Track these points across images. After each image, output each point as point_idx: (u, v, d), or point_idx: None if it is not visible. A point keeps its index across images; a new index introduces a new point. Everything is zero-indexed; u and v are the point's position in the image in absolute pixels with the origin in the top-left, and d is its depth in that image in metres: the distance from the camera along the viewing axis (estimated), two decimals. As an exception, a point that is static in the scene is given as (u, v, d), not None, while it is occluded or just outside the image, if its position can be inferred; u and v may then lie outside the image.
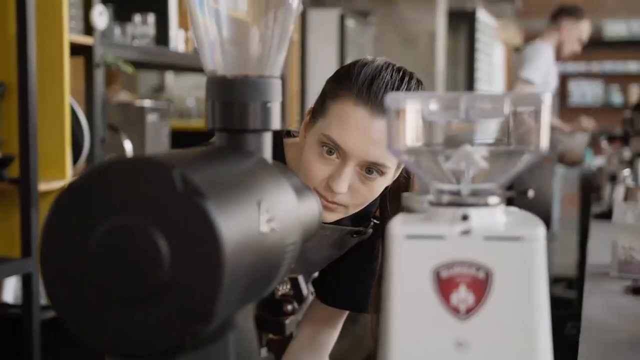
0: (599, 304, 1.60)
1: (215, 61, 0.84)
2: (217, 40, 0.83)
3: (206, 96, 0.84)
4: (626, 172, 2.95)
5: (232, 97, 0.82)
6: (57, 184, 2.56)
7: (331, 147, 1.30)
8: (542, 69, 4.39)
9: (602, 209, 3.01)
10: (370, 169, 1.30)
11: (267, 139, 0.83)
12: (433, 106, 0.71)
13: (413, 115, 0.71)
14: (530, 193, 3.62)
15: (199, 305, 0.60)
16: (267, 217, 0.71)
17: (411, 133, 0.72)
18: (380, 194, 1.38)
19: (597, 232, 2.53)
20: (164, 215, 0.60)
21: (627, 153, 4.21)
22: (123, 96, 4.94)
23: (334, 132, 1.30)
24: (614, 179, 3.13)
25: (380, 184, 1.33)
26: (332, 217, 1.35)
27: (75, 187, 0.63)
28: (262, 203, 0.71)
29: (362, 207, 1.36)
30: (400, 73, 1.33)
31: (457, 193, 0.71)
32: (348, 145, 1.29)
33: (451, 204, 0.71)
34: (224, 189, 0.66)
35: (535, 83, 4.31)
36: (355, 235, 1.50)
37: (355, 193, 1.32)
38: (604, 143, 4.35)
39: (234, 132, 0.82)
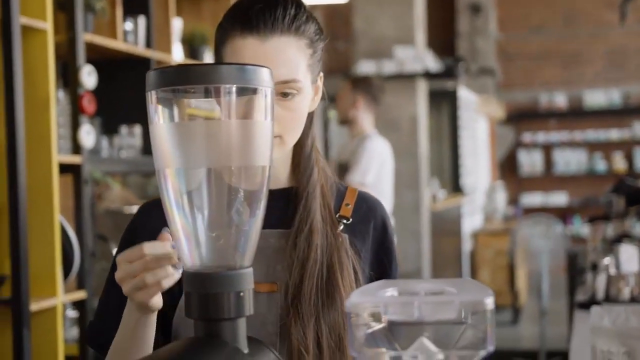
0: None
1: (192, 256, 0.91)
2: (193, 238, 0.90)
3: (184, 287, 0.91)
4: (606, 260, 3.01)
5: (207, 290, 0.89)
6: (48, 303, 2.61)
7: None
8: None
9: (585, 298, 3.06)
10: (285, 93, 1.25)
11: (242, 325, 0.90)
12: (390, 308, 0.78)
13: (370, 317, 0.78)
14: None
15: None
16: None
17: (370, 333, 0.78)
18: None
19: (581, 327, 2.58)
20: None
21: (610, 231, 4.29)
22: (117, 192, 4.98)
23: None
24: (595, 267, 3.19)
25: (300, 102, 1.27)
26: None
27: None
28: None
29: (297, 131, 1.30)
30: None
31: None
32: None
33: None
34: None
35: None
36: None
37: (280, 120, 1.25)
38: (585, 225, 4.43)
39: (210, 321, 0.89)
